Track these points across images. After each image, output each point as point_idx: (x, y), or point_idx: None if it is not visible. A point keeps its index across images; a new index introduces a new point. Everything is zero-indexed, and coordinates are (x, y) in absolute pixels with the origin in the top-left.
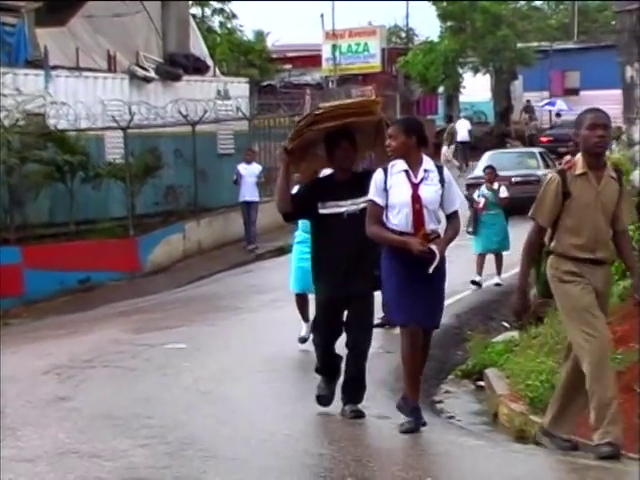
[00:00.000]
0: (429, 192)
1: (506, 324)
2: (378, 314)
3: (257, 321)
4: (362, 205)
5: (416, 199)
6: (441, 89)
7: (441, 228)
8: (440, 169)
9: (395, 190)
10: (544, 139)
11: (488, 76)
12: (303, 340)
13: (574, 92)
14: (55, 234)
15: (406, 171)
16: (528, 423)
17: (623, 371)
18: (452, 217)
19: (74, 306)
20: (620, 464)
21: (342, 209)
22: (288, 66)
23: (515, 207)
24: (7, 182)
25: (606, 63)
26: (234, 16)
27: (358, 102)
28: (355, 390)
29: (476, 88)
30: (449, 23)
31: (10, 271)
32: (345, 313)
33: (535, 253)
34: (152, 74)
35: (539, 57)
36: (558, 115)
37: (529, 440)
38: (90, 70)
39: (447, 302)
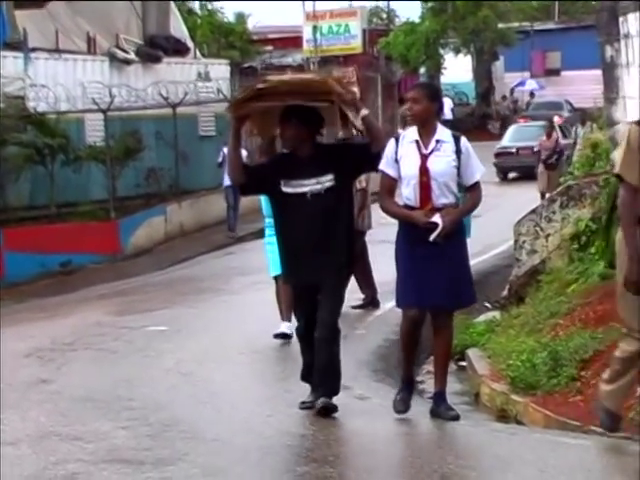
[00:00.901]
0: (440, 164)
1: (488, 305)
2: (358, 295)
3: (238, 303)
4: (328, 184)
5: (424, 171)
6: (422, 70)
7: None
8: (457, 139)
9: (405, 161)
10: (522, 120)
11: (469, 57)
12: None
13: (555, 72)
14: (36, 217)
15: (417, 141)
16: (509, 402)
17: (603, 350)
18: (472, 189)
19: (55, 289)
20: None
21: (306, 188)
22: (269, 48)
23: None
24: None
25: (587, 43)
26: None
27: (305, 81)
28: (328, 380)
29: (457, 69)
30: (430, 4)
31: None
32: None
33: (635, 217)
34: (132, 56)
35: (520, 38)
36: (531, 94)
37: (510, 419)
38: (70, 52)
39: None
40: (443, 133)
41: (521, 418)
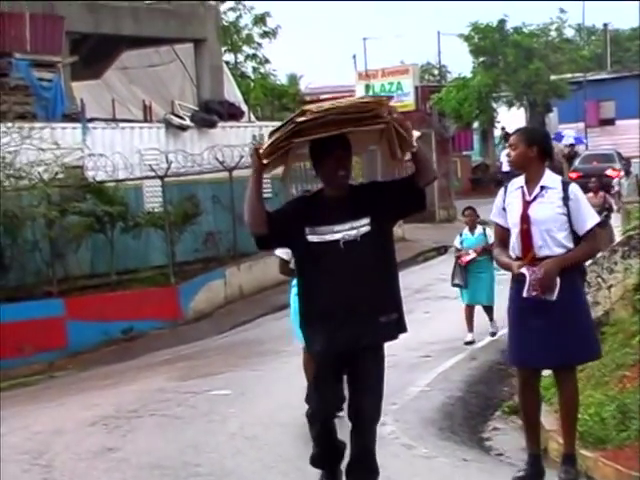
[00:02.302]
0: (542, 211)
1: None
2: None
3: (301, 364)
4: (364, 229)
5: (524, 218)
6: (476, 124)
7: None
8: (565, 185)
9: (510, 209)
10: (573, 175)
11: (522, 110)
12: None
13: (610, 122)
14: (97, 285)
15: (522, 188)
16: (579, 457)
17: None
18: (585, 237)
19: (118, 356)
20: None
21: (338, 235)
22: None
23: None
24: (48, 235)
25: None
26: (267, 61)
27: (358, 103)
28: (362, 476)
29: (511, 122)
30: (481, 58)
31: (54, 324)
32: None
33: None
34: (187, 122)
35: (573, 88)
36: (571, 146)
37: (581, 475)
38: (126, 121)
39: (492, 337)
40: (550, 179)
41: (591, 473)
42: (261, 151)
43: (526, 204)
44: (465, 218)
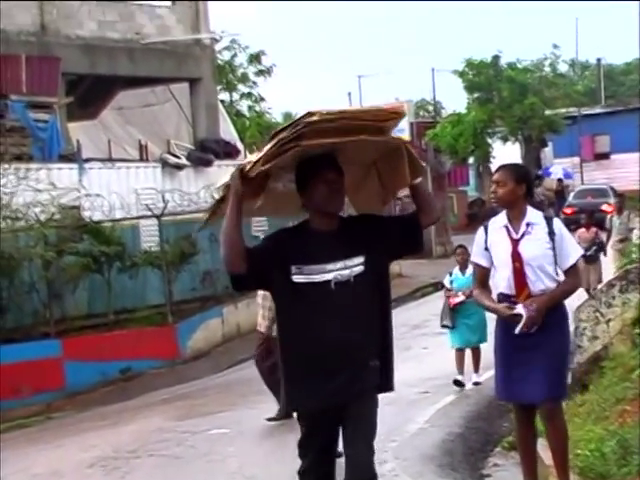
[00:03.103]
0: (532, 248)
1: None
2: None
3: None
4: (357, 269)
5: (516, 257)
6: (471, 160)
7: None
8: (549, 220)
9: (495, 248)
10: (568, 210)
11: (517, 145)
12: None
13: (605, 156)
14: (94, 325)
15: (506, 226)
16: None
17: None
18: (568, 272)
19: (116, 396)
20: None
21: (329, 275)
22: None
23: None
24: (45, 276)
25: (635, 126)
26: (262, 99)
27: (373, 111)
28: None
29: (506, 157)
30: (476, 94)
31: (51, 364)
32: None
33: None
34: (184, 161)
35: (568, 123)
36: (560, 181)
37: None
38: (122, 160)
39: (490, 373)
40: (533, 215)
41: None
42: (249, 167)
43: (514, 242)
44: (457, 257)
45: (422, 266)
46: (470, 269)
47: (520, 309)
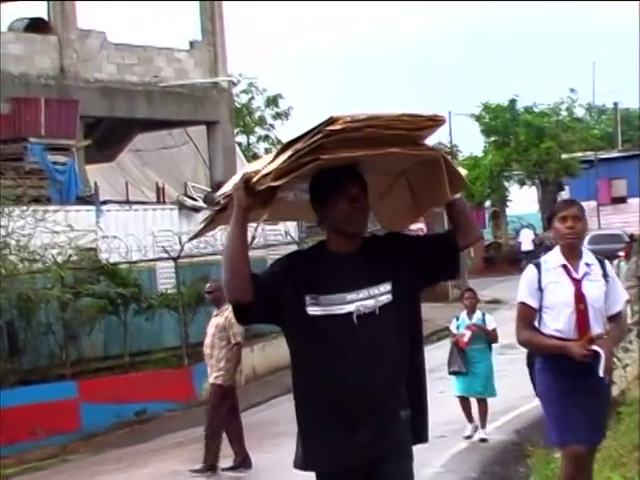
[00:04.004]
0: (594, 289)
1: None
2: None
3: None
4: (384, 299)
5: (580, 298)
6: (487, 203)
7: None
8: (602, 262)
9: (553, 288)
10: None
11: (534, 188)
12: None
13: (622, 200)
14: (110, 367)
15: (564, 266)
16: None
17: None
18: (615, 318)
19: (131, 438)
20: None
21: (351, 307)
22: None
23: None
24: (62, 318)
25: None
26: (279, 142)
27: (407, 118)
28: None
29: (523, 201)
30: (492, 138)
31: (67, 406)
32: None
33: None
34: (200, 203)
35: (584, 167)
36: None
37: None
38: (140, 203)
39: (506, 417)
40: (588, 255)
41: None
42: (256, 179)
43: (577, 282)
44: (465, 300)
45: (438, 309)
46: (478, 314)
47: (597, 347)
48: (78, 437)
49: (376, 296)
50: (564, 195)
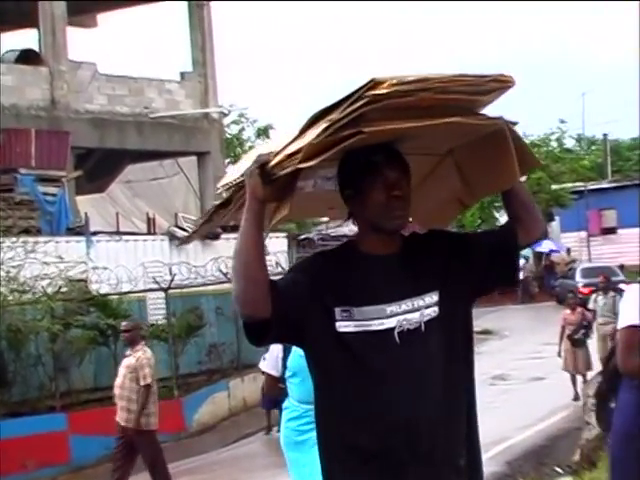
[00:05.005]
0: None
1: (559, 469)
2: None
3: None
4: (430, 311)
5: None
6: None
7: None
8: None
9: None
10: (585, 290)
11: None
12: None
13: (612, 231)
14: (100, 398)
15: None
16: None
17: None
18: None
19: None
20: None
21: (391, 321)
22: (325, 218)
23: None
24: (51, 349)
25: None
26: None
27: (471, 79)
28: None
29: None
30: None
31: (56, 438)
32: None
33: None
34: None
35: (574, 198)
36: (548, 255)
37: None
38: (130, 234)
39: (498, 448)
40: None
41: None
42: (275, 161)
43: None
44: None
45: None
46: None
47: None
48: (68, 469)
49: (421, 308)
50: (554, 226)
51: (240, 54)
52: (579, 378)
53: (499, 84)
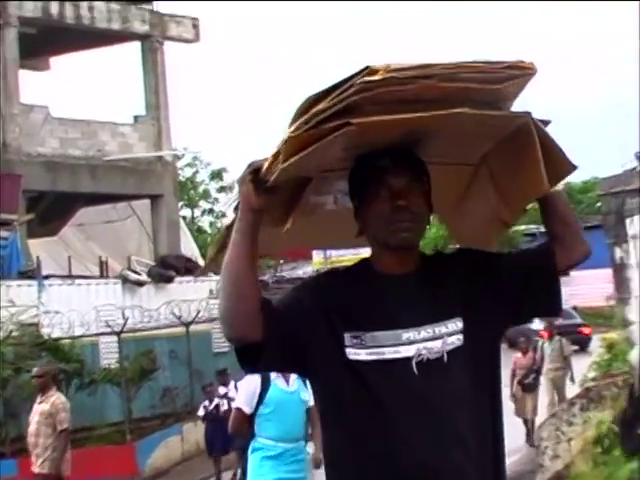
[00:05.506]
0: None
1: None
2: None
3: None
4: (453, 339)
5: None
6: None
7: None
8: None
9: None
10: (545, 333)
11: None
12: None
13: (564, 272)
14: None
15: None
16: None
17: None
18: None
19: None
20: None
21: (409, 349)
22: (279, 260)
23: None
24: (1, 394)
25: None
26: (224, 215)
27: (481, 65)
28: None
29: None
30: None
31: None
32: None
33: None
34: (144, 277)
35: (527, 240)
36: None
37: None
38: (83, 277)
39: None
40: None
41: None
42: (266, 166)
43: None
44: None
45: None
46: None
47: None
48: None
49: (443, 336)
50: None
51: (194, 96)
52: (531, 421)
53: (518, 71)
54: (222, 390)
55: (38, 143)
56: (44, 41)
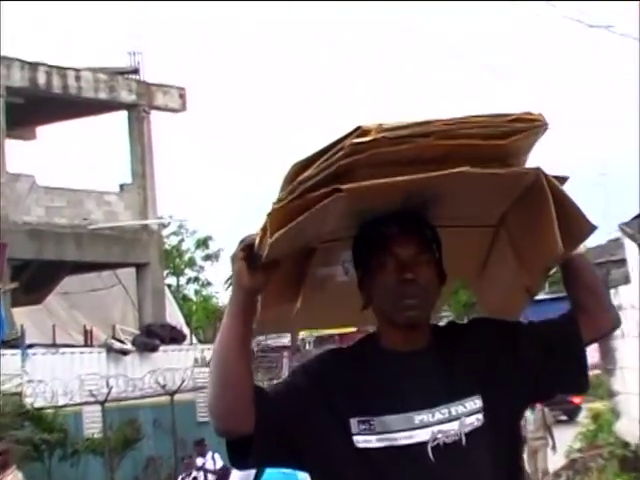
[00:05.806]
0: None
1: None
2: None
3: None
4: (472, 419)
5: None
6: None
7: None
8: None
9: None
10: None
11: None
12: None
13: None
14: None
15: None
16: None
17: None
18: None
19: None
20: None
21: (423, 433)
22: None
23: None
24: None
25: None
26: (209, 284)
27: (485, 119)
28: None
29: None
30: None
31: None
32: None
33: None
34: (129, 346)
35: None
36: None
37: None
38: (67, 346)
39: None
40: None
41: None
42: (258, 240)
43: None
44: None
45: None
46: None
47: None
48: None
49: (461, 417)
50: None
51: (180, 164)
52: None
53: (525, 124)
54: (200, 461)
55: (24, 212)
56: (31, 110)
